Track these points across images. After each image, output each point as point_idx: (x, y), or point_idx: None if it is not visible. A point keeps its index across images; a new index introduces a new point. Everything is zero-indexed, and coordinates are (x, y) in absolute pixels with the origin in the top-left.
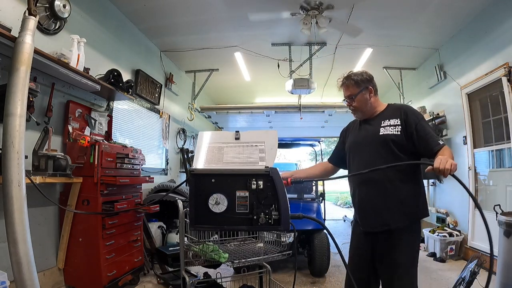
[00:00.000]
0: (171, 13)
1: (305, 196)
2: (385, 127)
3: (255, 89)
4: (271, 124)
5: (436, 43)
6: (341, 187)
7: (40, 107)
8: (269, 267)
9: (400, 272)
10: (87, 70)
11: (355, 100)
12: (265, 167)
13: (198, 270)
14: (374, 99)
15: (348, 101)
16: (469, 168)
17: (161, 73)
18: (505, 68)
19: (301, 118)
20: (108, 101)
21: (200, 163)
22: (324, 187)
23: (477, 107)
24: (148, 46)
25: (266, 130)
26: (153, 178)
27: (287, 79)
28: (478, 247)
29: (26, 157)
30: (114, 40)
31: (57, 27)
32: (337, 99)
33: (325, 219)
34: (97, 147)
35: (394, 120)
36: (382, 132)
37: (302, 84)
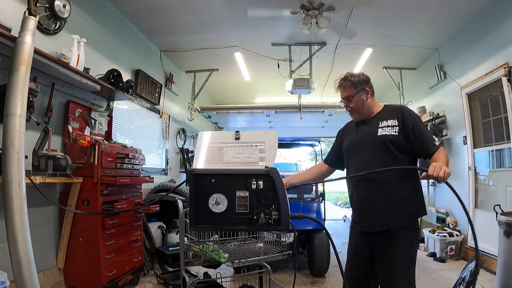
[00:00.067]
0: (171, 13)
1: (305, 196)
2: (383, 128)
3: (255, 89)
4: (271, 124)
5: (436, 43)
6: (341, 187)
7: (40, 107)
8: (269, 267)
9: (399, 271)
10: (87, 70)
11: (352, 101)
12: (265, 167)
13: (198, 270)
14: (371, 100)
15: (345, 102)
16: (469, 168)
17: (161, 73)
18: (505, 68)
19: (301, 118)
20: (108, 101)
21: (200, 163)
22: (324, 187)
23: (477, 107)
24: (148, 46)
25: (266, 130)
26: (153, 178)
27: (287, 79)
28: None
29: (26, 157)
30: (114, 40)
31: (57, 27)
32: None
33: (325, 219)
34: (97, 147)
35: (391, 121)
36: (380, 132)
37: (302, 84)
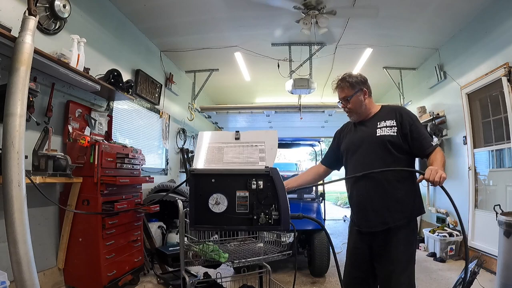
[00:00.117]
0: (171, 13)
1: (305, 196)
2: (381, 128)
3: (255, 89)
4: (271, 124)
5: (436, 43)
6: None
7: (40, 107)
8: (269, 267)
9: (398, 269)
10: (87, 70)
11: (350, 102)
12: (265, 167)
13: (198, 270)
14: (368, 100)
15: (343, 103)
16: (469, 168)
17: (161, 73)
18: (505, 68)
19: (301, 118)
20: (108, 101)
21: (200, 163)
22: (324, 187)
23: (477, 107)
24: (148, 46)
25: (266, 130)
26: (153, 178)
27: (287, 79)
28: (478, 247)
29: (26, 157)
30: (114, 40)
31: (57, 27)
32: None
33: (325, 219)
34: (97, 147)
35: (389, 121)
36: (379, 133)
37: (302, 84)
